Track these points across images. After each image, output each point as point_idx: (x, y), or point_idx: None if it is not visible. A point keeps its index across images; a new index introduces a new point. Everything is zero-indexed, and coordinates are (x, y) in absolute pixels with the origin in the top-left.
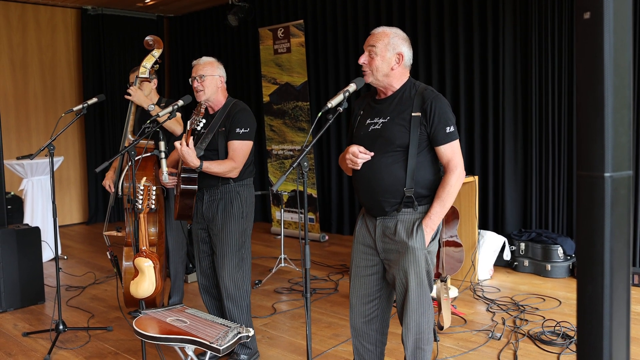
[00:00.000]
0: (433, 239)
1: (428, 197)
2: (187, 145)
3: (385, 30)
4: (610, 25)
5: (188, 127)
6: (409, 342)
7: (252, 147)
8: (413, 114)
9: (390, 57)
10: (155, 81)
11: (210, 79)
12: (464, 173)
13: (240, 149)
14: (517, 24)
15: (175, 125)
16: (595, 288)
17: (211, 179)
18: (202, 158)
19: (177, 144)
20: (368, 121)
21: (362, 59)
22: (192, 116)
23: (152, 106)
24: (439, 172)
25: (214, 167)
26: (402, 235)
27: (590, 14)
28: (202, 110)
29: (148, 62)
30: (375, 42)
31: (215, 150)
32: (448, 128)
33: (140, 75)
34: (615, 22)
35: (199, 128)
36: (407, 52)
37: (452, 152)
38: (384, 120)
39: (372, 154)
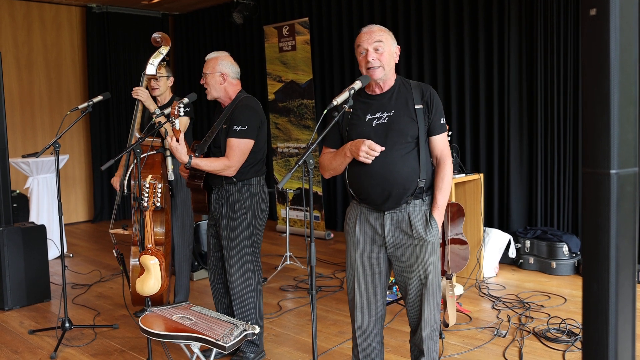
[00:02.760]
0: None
1: (431, 187)
2: (177, 140)
3: (379, 27)
4: (617, 22)
5: (171, 126)
6: (426, 333)
7: (257, 144)
8: (416, 106)
9: (393, 50)
10: (172, 79)
11: (211, 77)
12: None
13: (237, 147)
14: (523, 21)
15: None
16: (601, 285)
17: (215, 177)
18: (206, 155)
19: (168, 138)
20: (368, 117)
21: (372, 56)
22: (170, 116)
23: (158, 110)
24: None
25: (203, 164)
26: (420, 230)
27: (596, 10)
28: (176, 112)
29: (155, 59)
30: (381, 37)
31: (218, 148)
32: (442, 119)
33: (146, 73)
34: (621, 18)
35: (176, 127)
36: None
37: (443, 143)
38: (389, 114)
39: (383, 148)
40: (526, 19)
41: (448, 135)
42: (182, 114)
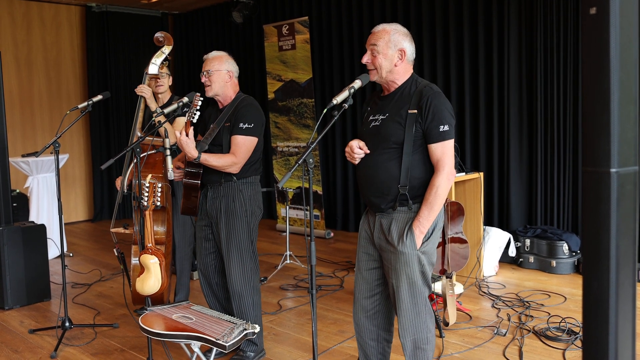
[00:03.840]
0: (429, 238)
1: (422, 195)
2: (187, 135)
3: (385, 27)
4: (617, 21)
5: (187, 119)
6: (407, 342)
7: (257, 143)
8: (409, 111)
9: (392, 54)
10: (170, 78)
11: (217, 74)
12: (453, 174)
13: (243, 144)
14: (522, 20)
15: (170, 132)
16: (601, 284)
17: (214, 175)
18: (206, 152)
19: (177, 133)
20: (371, 118)
21: (365, 58)
22: (190, 108)
23: (159, 108)
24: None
25: (212, 159)
26: (394, 238)
27: (596, 9)
28: (197, 103)
29: (157, 59)
30: (376, 40)
31: (219, 145)
32: (442, 127)
33: (149, 72)
34: (621, 17)
35: (194, 120)
36: (409, 47)
37: (442, 151)
38: (383, 117)
39: (368, 151)
40: (526, 18)
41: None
42: (199, 105)
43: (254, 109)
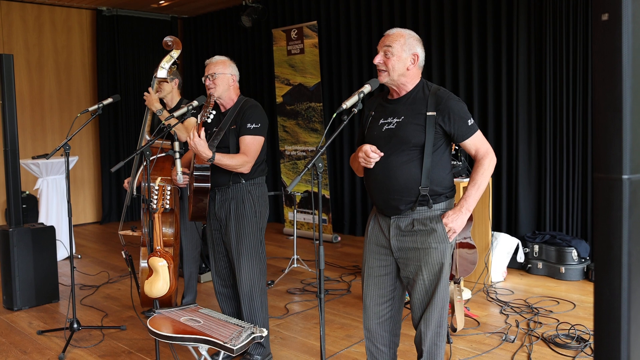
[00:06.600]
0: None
1: (442, 194)
2: (199, 136)
3: (400, 31)
4: (629, 27)
5: (199, 121)
6: (427, 337)
7: (264, 144)
8: (428, 114)
9: (406, 57)
10: (176, 81)
11: (222, 77)
12: (495, 156)
13: (252, 143)
14: (531, 25)
15: (181, 132)
16: (613, 291)
17: (222, 178)
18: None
19: (190, 134)
20: (381, 121)
21: (378, 59)
22: (202, 110)
23: (161, 111)
24: (452, 170)
25: (225, 159)
26: (422, 235)
27: (608, 15)
28: (212, 102)
29: (166, 63)
30: (392, 42)
31: (226, 148)
32: (469, 121)
33: (158, 76)
34: (634, 23)
35: (209, 121)
36: (422, 53)
37: (478, 141)
38: (398, 120)
39: (382, 154)
40: (535, 23)
41: (454, 149)
42: (211, 110)
43: (259, 109)
